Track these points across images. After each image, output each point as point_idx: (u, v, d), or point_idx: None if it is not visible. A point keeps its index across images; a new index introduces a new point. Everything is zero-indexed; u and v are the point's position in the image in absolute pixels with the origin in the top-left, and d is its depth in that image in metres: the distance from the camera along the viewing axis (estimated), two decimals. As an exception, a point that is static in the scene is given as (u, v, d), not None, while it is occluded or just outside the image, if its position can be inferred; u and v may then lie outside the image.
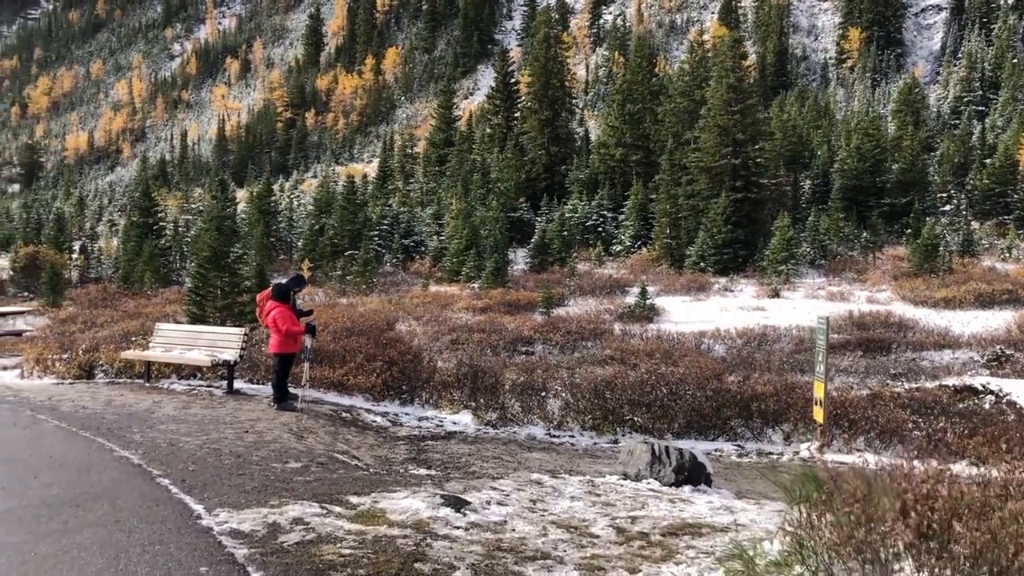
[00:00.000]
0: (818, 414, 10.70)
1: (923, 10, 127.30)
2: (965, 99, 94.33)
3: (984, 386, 18.92)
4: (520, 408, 11.85)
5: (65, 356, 13.62)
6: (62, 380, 13.00)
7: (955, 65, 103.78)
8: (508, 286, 38.14)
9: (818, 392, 10.79)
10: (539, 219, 52.61)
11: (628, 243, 49.04)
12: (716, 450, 10.70)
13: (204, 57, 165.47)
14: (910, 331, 27.65)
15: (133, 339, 15.30)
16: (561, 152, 60.86)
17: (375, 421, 10.83)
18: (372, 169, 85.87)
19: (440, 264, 46.14)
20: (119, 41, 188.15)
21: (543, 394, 12.44)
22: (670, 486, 8.00)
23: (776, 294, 36.36)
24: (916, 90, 72.66)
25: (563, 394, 12.41)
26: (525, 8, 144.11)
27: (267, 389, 12.17)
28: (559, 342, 27.00)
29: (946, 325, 27.92)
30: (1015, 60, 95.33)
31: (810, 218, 47.40)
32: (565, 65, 67.65)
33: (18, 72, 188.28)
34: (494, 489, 6.88)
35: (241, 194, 71.14)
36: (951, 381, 19.60)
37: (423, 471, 8.47)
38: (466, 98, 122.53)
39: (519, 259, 47.93)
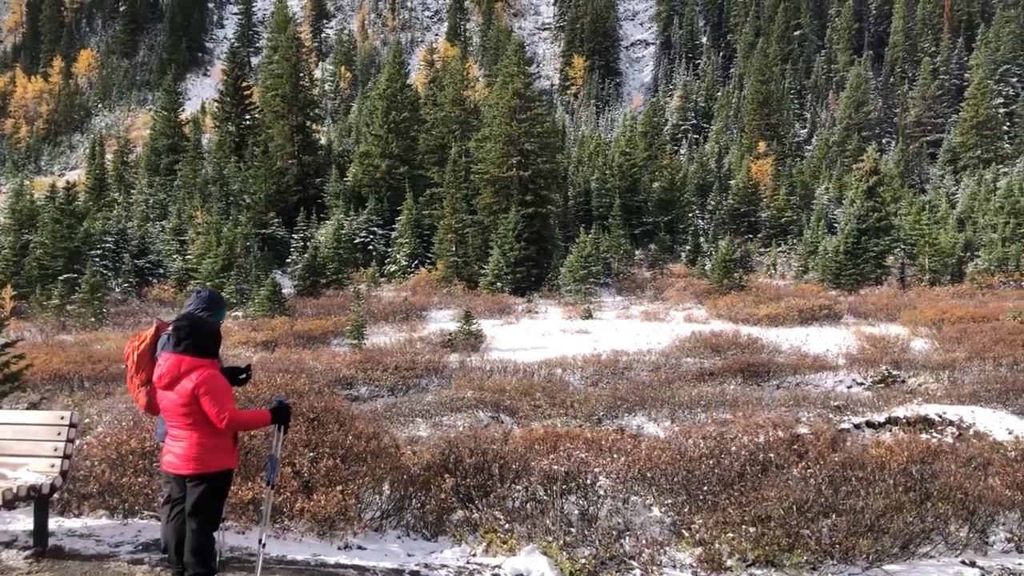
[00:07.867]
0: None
1: (633, 44, 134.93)
2: (681, 127, 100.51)
3: (941, 416, 16.43)
4: (580, 524, 6.88)
5: None
6: None
7: (669, 96, 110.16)
8: (287, 314, 31.69)
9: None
10: (295, 236, 46.01)
11: (405, 263, 43.95)
12: (958, 577, 6.46)
13: None
14: (763, 351, 25.70)
15: None
16: (314, 163, 54.42)
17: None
18: (66, 182, 73.04)
19: (187, 290, 38.17)
20: None
21: (594, 488, 7.55)
22: None
23: (589, 315, 33.40)
24: (660, 113, 74.99)
25: (636, 487, 7.60)
26: (239, 17, 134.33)
27: (114, 530, 6.08)
28: (388, 382, 21.77)
29: (797, 344, 26.31)
30: (721, 92, 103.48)
31: (591, 235, 45.32)
32: (309, 70, 61.61)
33: None
34: None
35: None
36: (899, 412, 17.12)
37: None
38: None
39: (282, 282, 41.25)
